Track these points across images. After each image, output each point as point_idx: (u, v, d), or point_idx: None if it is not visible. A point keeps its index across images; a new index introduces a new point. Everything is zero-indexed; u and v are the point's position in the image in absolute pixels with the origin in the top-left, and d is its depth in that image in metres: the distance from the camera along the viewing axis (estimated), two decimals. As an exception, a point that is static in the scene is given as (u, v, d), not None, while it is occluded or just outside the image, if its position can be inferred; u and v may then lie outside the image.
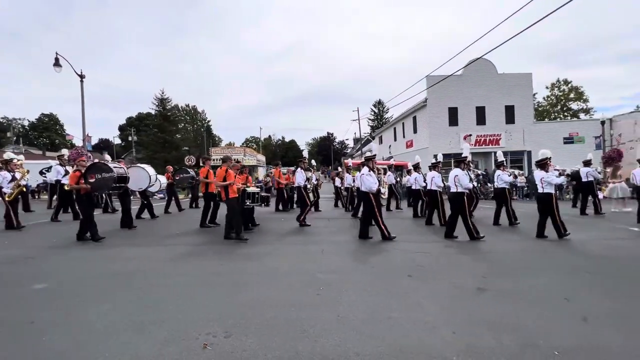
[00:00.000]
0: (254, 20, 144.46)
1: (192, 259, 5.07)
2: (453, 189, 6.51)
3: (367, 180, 6.33)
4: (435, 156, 9.04)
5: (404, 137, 26.98)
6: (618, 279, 3.96)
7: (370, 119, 60.57)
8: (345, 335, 2.54)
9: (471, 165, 8.39)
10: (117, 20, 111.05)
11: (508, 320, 2.82)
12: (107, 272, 4.33)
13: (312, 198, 9.68)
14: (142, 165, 10.03)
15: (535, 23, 9.26)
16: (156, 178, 10.49)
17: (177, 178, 12.53)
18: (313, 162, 8.95)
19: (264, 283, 3.88)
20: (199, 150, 34.39)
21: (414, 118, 24.56)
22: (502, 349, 2.35)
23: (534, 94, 39.17)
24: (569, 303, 3.20)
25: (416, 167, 10.16)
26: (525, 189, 17.30)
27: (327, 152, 66.03)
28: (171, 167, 13.13)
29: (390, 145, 30.60)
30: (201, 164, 9.02)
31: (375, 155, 6.81)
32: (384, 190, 12.98)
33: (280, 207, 11.99)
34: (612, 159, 17.56)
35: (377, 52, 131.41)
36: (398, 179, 14.08)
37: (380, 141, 34.67)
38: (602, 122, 19.45)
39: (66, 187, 8.40)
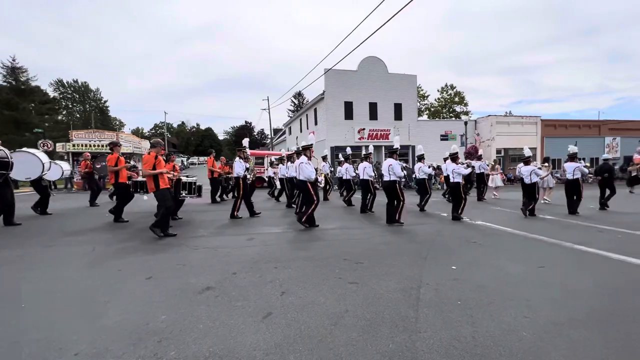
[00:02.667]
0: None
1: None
2: (387, 178, 7.05)
3: (305, 169, 6.32)
4: (367, 147, 9.98)
5: (307, 128, 27.22)
6: (374, 267, 4.10)
7: (290, 110, 60.38)
8: None
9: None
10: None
11: (167, 326, 2.50)
12: None
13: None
14: (32, 150, 8.21)
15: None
16: (50, 165, 8.86)
17: (97, 166, 11.12)
18: (249, 151, 8.36)
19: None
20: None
21: (315, 110, 24.91)
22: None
23: (428, 96, 44.07)
24: (281, 297, 3.10)
25: (347, 159, 10.97)
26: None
27: (245, 142, 63.61)
28: (89, 153, 10.81)
29: (297, 137, 30.67)
30: (109, 150, 7.58)
31: (312, 144, 6.81)
32: (321, 179, 13.16)
33: (218, 198, 11.18)
34: (471, 154, 20.51)
35: (302, 41, 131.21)
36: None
37: (290, 132, 34.58)
38: (465, 123, 22.54)
39: None
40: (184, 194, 7.26)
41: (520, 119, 24.04)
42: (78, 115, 53.36)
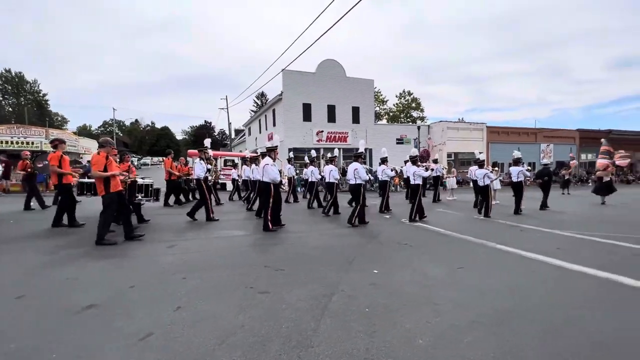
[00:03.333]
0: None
1: None
2: (352, 181, 7.17)
3: (271, 171, 6.24)
4: (332, 150, 10.42)
5: (266, 129, 26.70)
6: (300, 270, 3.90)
7: (253, 111, 59.14)
8: None
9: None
10: None
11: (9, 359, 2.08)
12: None
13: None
14: None
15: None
16: None
17: (39, 166, 10.12)
18: (210, 152, 8.11)
19: None
20: None
21: (274, 111, 24.50)
22: None
23: (387, 101, 45.51)
24: (174, 312, 2.76)
25: (312, 161, 11.21)
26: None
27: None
28: (28, 152, 9.03)
29: (256, 138, 29.98)
30: (51, 149, 6.53)
31: (277, 146, 6.66)
32: (285, 182, 12.75)
33: (171, 201, 10.28)
34: (423, 158, 21.34)
35: (269, 40, 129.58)
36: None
37: (250, 132, 33.76)
38: (419, 127, 23.47)
39: None
40: (139, 197, 6.82)
41: (469, 125, 25.56)
42: (10, 109, 47.77)
